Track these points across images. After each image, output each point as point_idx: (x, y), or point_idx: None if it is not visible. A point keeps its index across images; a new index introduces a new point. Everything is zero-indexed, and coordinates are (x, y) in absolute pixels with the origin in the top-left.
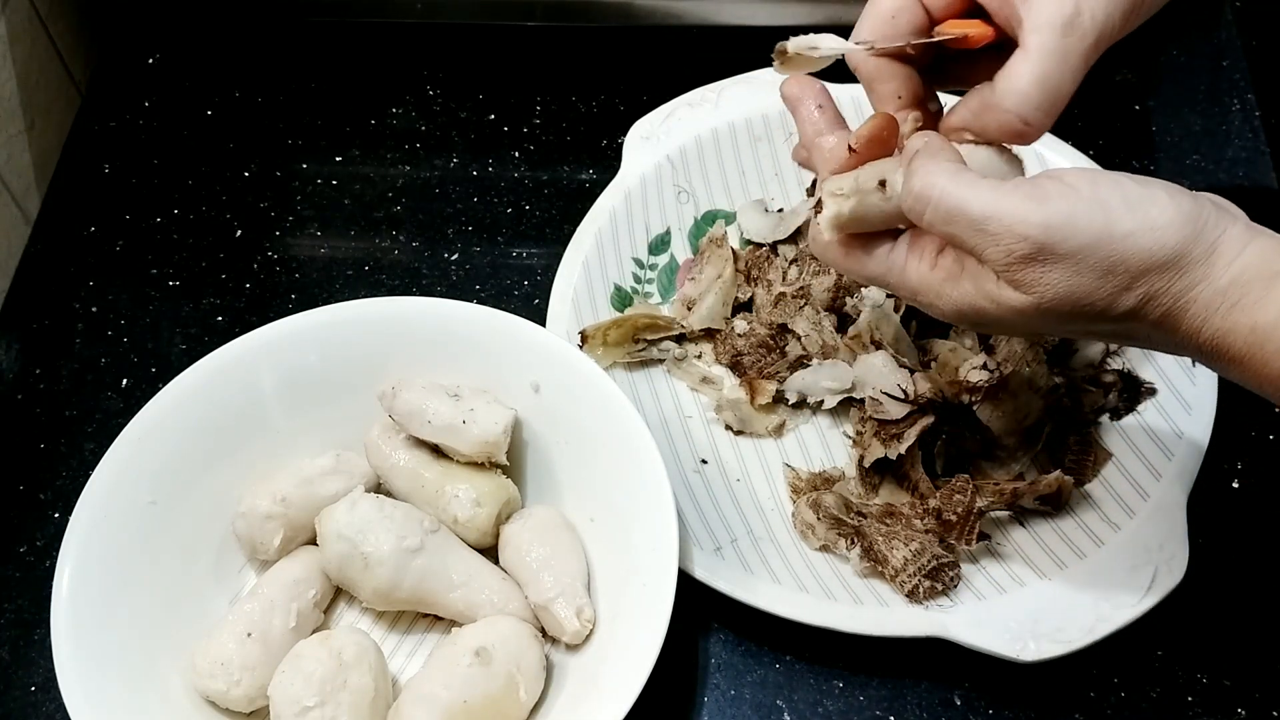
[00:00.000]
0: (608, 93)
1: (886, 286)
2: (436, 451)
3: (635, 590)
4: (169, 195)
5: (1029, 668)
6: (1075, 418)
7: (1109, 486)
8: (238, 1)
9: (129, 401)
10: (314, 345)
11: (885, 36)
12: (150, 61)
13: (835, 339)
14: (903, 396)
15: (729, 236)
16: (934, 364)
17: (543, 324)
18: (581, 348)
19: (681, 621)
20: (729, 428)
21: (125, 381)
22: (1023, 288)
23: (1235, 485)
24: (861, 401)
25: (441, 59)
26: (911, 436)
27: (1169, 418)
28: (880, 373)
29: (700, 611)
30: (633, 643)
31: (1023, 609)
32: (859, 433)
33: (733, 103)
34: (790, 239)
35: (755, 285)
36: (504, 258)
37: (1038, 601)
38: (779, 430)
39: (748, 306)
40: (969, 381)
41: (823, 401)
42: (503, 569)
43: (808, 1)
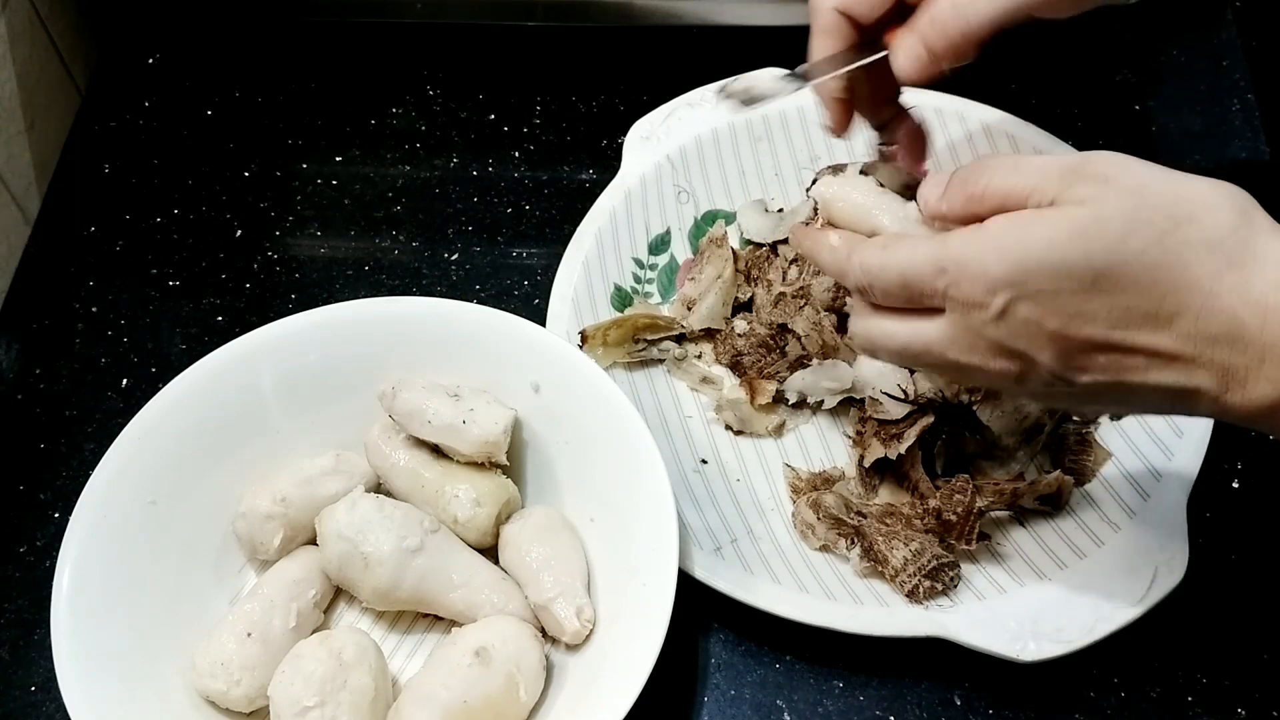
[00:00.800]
0: (608, 93)
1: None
2: (436, 451)
3: (635, 590)
4: (169, 195)
5: (1029, 668)
6: (1075, 418)
7: (1109, 486)
8: (238, 1)
9: (129, 401)
10: (314, 345)
11: (824, 61)
12: (150, 61)
13: (835, 339)
14: (903, 396)
15: (729, 236)
16: None
17: (543, 324)
18: (581, 348)
19: (681, 621)
20: (729, 428)
21: (125, 381)
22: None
23: (1235, 485)
24: (861, 401)
25: (441, 59)
26: (911, 436)
27: (1169, 417)
28: (880, 373)
29: (700, 611)
30: (633, 643)
31: (1023, 609)
32: (859, 433)
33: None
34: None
35: (755, 285)
36: (504, 258)
37: (1038, 601)
38: (779, 430)
39: (748, 306)
40: None
41: (823, 401)
42: (503, 569)
43: (807, 1)
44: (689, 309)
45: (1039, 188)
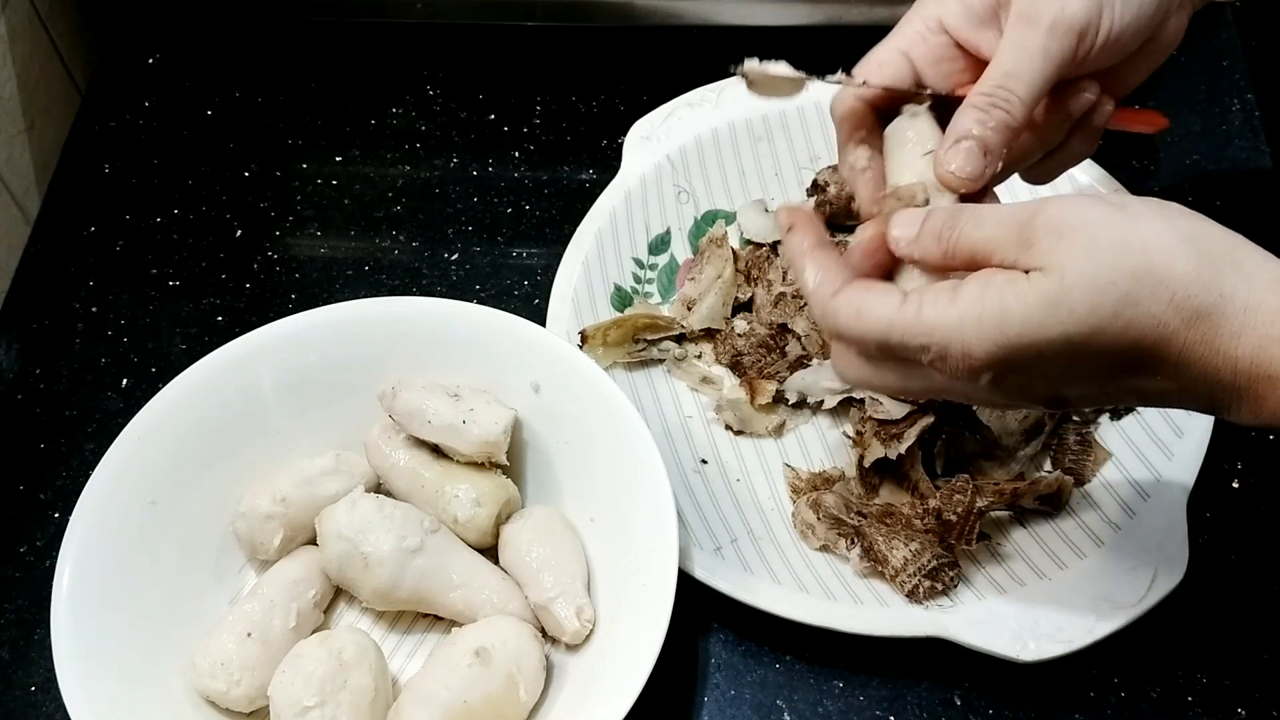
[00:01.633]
0: (608, 93)
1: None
2: (436, 451)
3: (635, 590)
4: (169, 195)
5: (1029, 668)
6: (1075, 418)
7: (1109, 486)
8: (238, 1)
9: (129, 401)
10: (314, 345)
11: (872, 77)
12: (150, 61)
13: None
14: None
15: (729, 236)
16: None
17: (543, 324)
18: (581, 348)
19: (681, 621)
20: (729, 428)
21: (125, 381)
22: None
23: (1235, 485)
24: (861, 401)
25: (441, 59)
26: (911, 436)
27: (1169, 417)
28: None
29: (700, 611)
30: (633, 643)
31: (1023, 609)
32: (859, 433)
33: (733, 103)
34: None
35: (755, 285)
36: (504, 258)
37: (1038, 601)
38: (779, 430)
39: (748, 306)
40: None
41: (823, 401)
42: (503, 569)
43: (808, 1)
44: (689, 309)
45: (1000, 246)
